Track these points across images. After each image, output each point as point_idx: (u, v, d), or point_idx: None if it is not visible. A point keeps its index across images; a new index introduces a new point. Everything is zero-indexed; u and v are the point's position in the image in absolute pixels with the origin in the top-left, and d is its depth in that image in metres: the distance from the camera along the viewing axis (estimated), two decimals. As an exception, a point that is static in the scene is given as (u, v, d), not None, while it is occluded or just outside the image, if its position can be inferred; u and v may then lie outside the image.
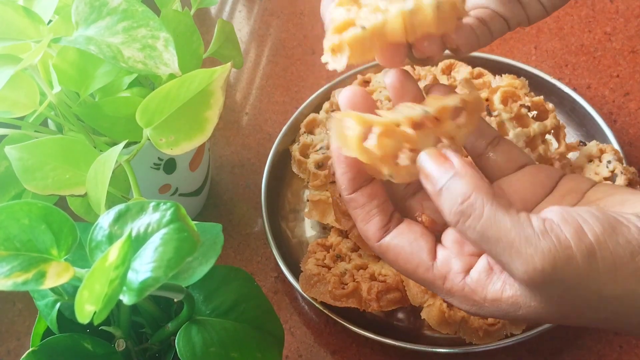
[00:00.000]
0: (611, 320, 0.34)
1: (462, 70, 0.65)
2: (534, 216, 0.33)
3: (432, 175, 0.35)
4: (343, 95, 0.39)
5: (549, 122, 0.57)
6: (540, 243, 0.32)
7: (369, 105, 0.38)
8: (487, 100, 0.57)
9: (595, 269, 0.31)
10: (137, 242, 0.32)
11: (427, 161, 0.35)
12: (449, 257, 0.36)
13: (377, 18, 0.37)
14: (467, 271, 0.36)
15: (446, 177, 0.34)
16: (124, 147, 0.42)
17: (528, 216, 0.33)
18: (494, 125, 0.55)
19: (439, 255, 0.37)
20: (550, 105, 0.58)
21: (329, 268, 0.56)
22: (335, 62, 0.38)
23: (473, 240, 0.34)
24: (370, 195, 0.39)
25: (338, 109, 0.59)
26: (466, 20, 0.41)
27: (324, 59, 0.39)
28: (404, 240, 0.37)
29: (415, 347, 0.53)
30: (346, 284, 0.54)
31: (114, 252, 0.30)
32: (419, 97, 0.39)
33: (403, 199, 0.40)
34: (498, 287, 0.35)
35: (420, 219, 0.39)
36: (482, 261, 0.35)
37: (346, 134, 0.36)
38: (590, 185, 0.39)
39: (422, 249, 0.37)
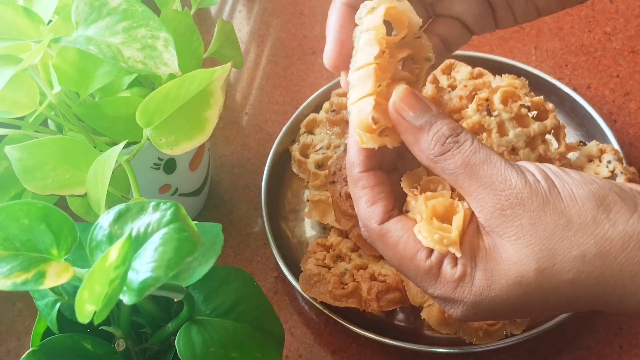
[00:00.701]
0: (585, 267, 0.35)
1: (462, 70, 0.65)
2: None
3: (411, 110, 0.38)
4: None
5: (549, 122, 0.57)
6: (515, 170, 0.36)
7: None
8: (487, 100, 0.57)
9: (556, 192, 0.35)
10: (137, 242, 0.33)
11: (404, 96, 0.38)
12: (442, 257, 0.37)
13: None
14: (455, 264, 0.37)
15: (428, 114, 0.37)
16: (124, 147, 0.42)
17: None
18: (493, 125, 0.55)
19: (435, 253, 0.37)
20: (550, 105, 0.58)
21: (329, 268, 0.56)
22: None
23: (454, 167, 0.37)
24: (380, 179, 0.40)
25: (338, 109, 0.59)
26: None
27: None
28: (406, 228, 0.38)
29: (415, 347, 0.53)
30: (346, 284, 0.54)
31: (114, 252, 0.30)
32: None
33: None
34: (482, 251, 0.36)
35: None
36: (467, 245, 0.37)
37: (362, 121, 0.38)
38: None
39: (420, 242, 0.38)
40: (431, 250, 0.37)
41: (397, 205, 0.39)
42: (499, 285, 0.35)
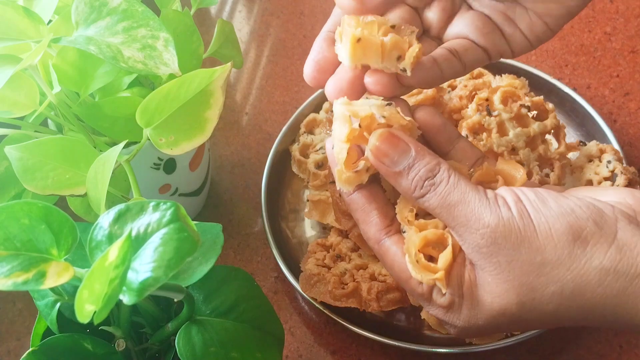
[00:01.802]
0: (565, 301, 0.35)
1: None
2: (487, 190, 0.37)
3: (389, 156, 0.38)
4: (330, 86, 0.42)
5: (549, 122, 0.57)
6: (490, 206, 0.36)
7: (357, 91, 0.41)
8: (487, 100, 0.57)
9: (531, 229, 0.35)
10: (137, 242, 0.32)
11: (382, 143, 0.38)
12: (431, 286, 0.39)
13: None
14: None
15: (406, 157, 0.38)
16: (124, 147, 0.42)
17: (483, 188, 0.37)
18: (493, 125, 0.55)
19: None
20: (550, 105, 0.58)
21: (329, 268, 0.56)
22: None
23: (434, 207, 0.37)
24: (369, 197, 0.41)
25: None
26: (436, 52, 0.42)
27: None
28: (401, 252, 0.39)
29: (415, 347, 0.53)
30: (346, 284, 0.54)
31: (114, 251, 0.30)
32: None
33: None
34: (467, 282, 0.37)
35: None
36: (455, 276, 0.38)
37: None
38: (563, 190, 0.41)
39: None
40: None
41: (396, 218, 0.41)
42: (485, 315, 0.37)
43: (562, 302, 0.35)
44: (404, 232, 0.40)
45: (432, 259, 0.39)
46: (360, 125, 0.39)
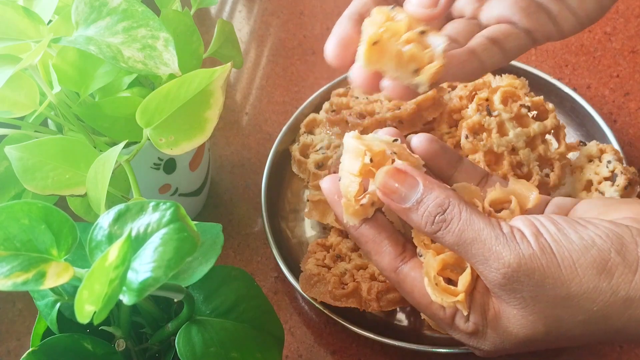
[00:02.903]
0: (591, 327, 0.36)
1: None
2: (502, 222, 0.36)
3: (397, 193, 0.37)
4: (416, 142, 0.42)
5: (549, 122, 0.57)
6: (508, 242, 0.35)
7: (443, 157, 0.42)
8: (487, 100, 0.57)
9: (555, 264, 0.35)
10: (137, 242, 0.32)
11: (388, 180, 0.38)
12: (454, 311, 0.39)
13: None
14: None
15: (415, 192, 0.37)
16: (124, 147, 0.42)
17: (497, 221, 0.36)
18: (493, 125, 0.55)
19: None
20: (550, 105, 0.58)
21: (329, 268, 0.56)
22: None
23: (451, 245, 0.37)
24: (377, 227, 0.40)
25: (338, 109, 0.59)
26: (473, 41, 0.40)
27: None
28: (419, 277, 0.39)
29: (415, 347, 0.53)
30: (346, 284, 0.54)
31: (114, 252, 0.30)
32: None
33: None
34: (492, 311, 0.37)
35: None
36: (478, 304, 0.38)
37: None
38: (573, 204, 0.41)
39: None
40: None
41: (408, 244, 0.40)
42: (511, 342, 0.37)
43: (588, 327, 0.36)
44: (421, 256, 0.40)
45: (451, 282, 0.38)
46: (371, 160, 0.38)
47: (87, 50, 0.42)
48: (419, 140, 0.41)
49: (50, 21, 0.46)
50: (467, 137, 0.55)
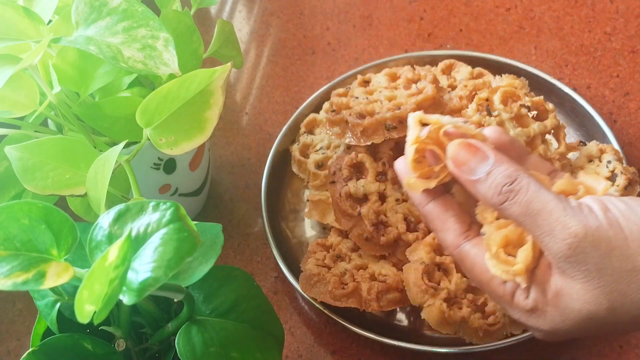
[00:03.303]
0: None
1: (462, 70, 0.65)
2: (570, 198, 0.38)
3: (468, 164, 0.39)
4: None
5: (549, 122, 0.57)
6: (575, 213, 0.36)
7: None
8: (487, 100, 0.57)
9: (622, 237, 0.35)
10: (137, 242, 0.32)
11: (460, 151, 0.39)
12: (515, 287, 0.39)
13: None
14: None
15: (484, 165, 0.38)
16: (124, 147, 0.42)
17: (565, 197, 0.37)
18: (493, 125, 0.55)
19: None
20: (550, 105, 0.58)
21: (329, 268, 0.56)
22: None
23: (516, 216, 0.37)
24: (444, 205, 0.41)
25: (338, 109, 0.59)
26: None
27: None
28: (481, 253, 0.40)
29: (415, 347, 0.53)
30: (346, 284, 0.54)
31: (114, 251, 0.30)
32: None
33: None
34: (553, 288, 0.37)
35: None
36: (539, 281, 0.38)
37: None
38: None
39: None
40: None
41: (474, 224, 0.41)
42: (572, 320, 0.37)
43: None
44: (484, 234, 0.40)
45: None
46: (429, 132, 0.40)
47: (87, 50, 0.42)
48: (490, 131, 0.43)
49: (50, 21, 0.46)
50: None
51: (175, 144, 0.44)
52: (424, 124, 0.41)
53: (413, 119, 0.41)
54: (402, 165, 0.43)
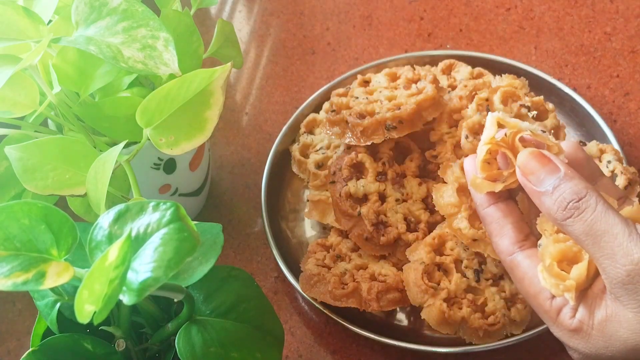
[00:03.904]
0: None
1: (462, 70, 0.65)
2: (637, 224, 0.36)
3: (536, 174, 0.38)
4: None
5: (549, 122, 0.57)
6: (638, 243, 0.34)
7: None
8: (487, 100, 0.57)
9: None
10: (137, 242, 0.32)
11: (530, 160, 0.39)
12: (562, 305, 0.38)
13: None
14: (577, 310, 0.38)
15: (553, 178, 0.37)
16: (124, 147, 0.43)
17: (632, 223, 0.36)
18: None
19: None
20: (550, 105, 0.58)
21: (329, 268, 0.56)
22: None
23: (578, 234, 0.36)
24: (505, 210, 0.41)
25: (338, 109, 0.59)
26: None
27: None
28: (533, 265, 0.39)
29: (415, 347, 0.53)
30: (346, 284, 0.54)
31: (114, 251, 0.30)
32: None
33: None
34: (602, 312, 0.36)
35: None
36: (589, 303, 0.37)
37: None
38: None
39: None
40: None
41: (531, 235, 0.40)
42: (616, 348, 0.36)
43: None
44: (540, 245, 0.40)
45: None
46: (505, 135, 0.40)
47: (87, 50, 0.42)
48: (567, 145, 0.42)
49: (50, 21, 0.46)
50: (467, 137, 0.55)
51: (175, 144, 0.44)
52: (501, 126, 0.41)
53: (491, 118, 0.41)
54: (471, 164, 0.42)
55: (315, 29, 0.81)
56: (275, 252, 0.59)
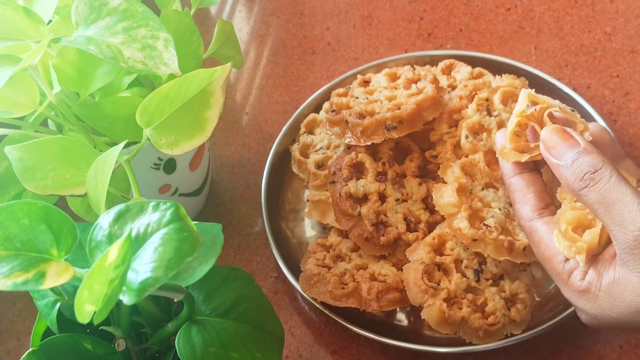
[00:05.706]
0: None
1: (462, 70, 0.65)
2: None
3: (557, 148, 0.42)
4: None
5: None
6: None
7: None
8: (487, 100, 0.57)
9: None
10: (137, 242, 0.32)
11: (553, 135, 0.42)
12: (574, 267, 0.41)
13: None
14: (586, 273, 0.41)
15: (573, 152, 0.41)
16: (124, 147, 0.43)
17: None
18: (493, 125, 0.55)
19: None
20: (550, 105, 0.58)
21: (329, 268, 0.56)
22: None
23: (592, 203, 0.39)
24: (529, 180, 0.45)
25: (338, 109, 0.59)
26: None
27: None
28: (550, 230, 0.42)
29: (415, 347, 0.53)
30: (346, 284, 0.54)
31: (114, 251, 0.30)
32: None
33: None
34: (610, 275, 0.39)
35: None
36: (599, 267, 0.40)
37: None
38: None
39: None
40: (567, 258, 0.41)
41: (552, 205, 0.44)
42: (620, 310, 0.39)
43: None
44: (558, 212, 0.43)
45: None
46: (535, 110, 0.43)
47: (87, 50, 0.42)
48: (594, 126, 0.45)
49: (50, 21, 0.46)
50: (467, 137, 0.55)
51: (175, 144, 0.44)
52: (534, 103, 0.44)
53: (524, 94, 0.45)
54: (501, 135, 0.46)
55: (315, 29, 0.81)
56: (275, 252, 0.59)
